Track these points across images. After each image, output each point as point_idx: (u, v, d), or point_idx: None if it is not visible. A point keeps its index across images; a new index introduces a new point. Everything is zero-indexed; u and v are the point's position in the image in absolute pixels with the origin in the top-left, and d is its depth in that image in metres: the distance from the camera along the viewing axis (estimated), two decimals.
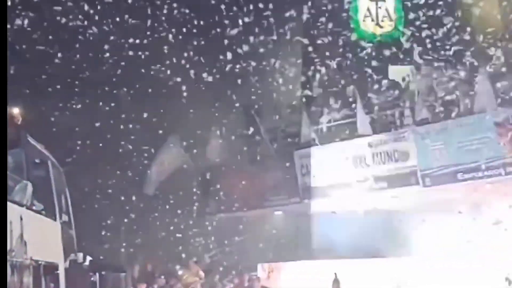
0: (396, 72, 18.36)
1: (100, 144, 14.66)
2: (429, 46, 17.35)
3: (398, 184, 16.13)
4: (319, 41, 17.68)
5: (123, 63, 14.85)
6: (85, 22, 15.14)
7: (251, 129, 17.45)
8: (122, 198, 14.87)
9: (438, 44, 17.25)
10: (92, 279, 12.70)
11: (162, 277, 14.99)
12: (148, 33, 15.70)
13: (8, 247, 7.73)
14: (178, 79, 15.27)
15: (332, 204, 18.02)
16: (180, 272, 15.91)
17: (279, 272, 17.80)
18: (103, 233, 14.20)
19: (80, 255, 12.12)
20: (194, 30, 16.28)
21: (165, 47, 15.57)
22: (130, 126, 15.13)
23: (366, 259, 19.17)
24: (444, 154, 15.21)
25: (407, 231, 19.71)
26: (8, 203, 7.75)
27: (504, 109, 14.51)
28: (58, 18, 14.92)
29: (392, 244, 19.44)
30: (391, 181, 16.19)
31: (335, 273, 17.63)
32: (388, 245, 19.57)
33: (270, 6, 16.55)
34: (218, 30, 16.24)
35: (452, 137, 15.06)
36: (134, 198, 15.18)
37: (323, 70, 18.19)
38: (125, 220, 14.99)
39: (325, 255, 18.46)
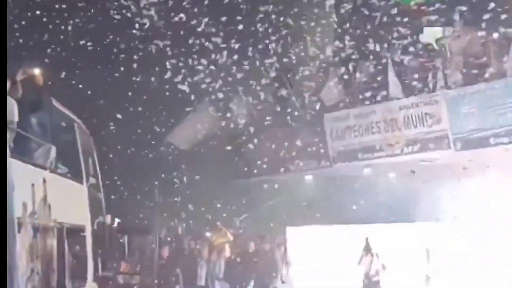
0: (429, 34, 18.01)
1: (128, 106, 14.62)
2: (464, 8, 16.96)
3: (430, 147, 15.94)
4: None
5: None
6: None
7: (282, 92, 17.33)
8: (152, 161, 14.93)
9: (473, 7, 16.85)
10: (120, 240, 12.87)
11: (190, 237, 15.11)
12: None
13: (30, 210, 7.86)
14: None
15: (362, 168, 17.94)
16: (208, 234, 16.05)
17: (308, 236, 17.81)
18: (132, 195, 14.31)
19: (108, 217, 12.29)
20: None
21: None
22: (157, 86, 15.01)
23: (397, 223, 19.13)
24: (476, 118, 14.98)
25: (439, 196, 19.58)
26: (30, 166, 7.85)
27: None
28: None
29: (423, 208, 19.33)
30: (422, 144, 16.02)
31: (366, 238, 17.62)
32: (419, 209, 19.48)
33: None
34: None
35: (485, 101, 14.80)
36: (163, 160, 15.22)
37: (357, 32, 17.92)
38: (155, 183, 15.05)
39: (356, 219, 18.43)
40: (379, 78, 16.67)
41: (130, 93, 15.02)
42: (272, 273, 16.73)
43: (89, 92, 13.90)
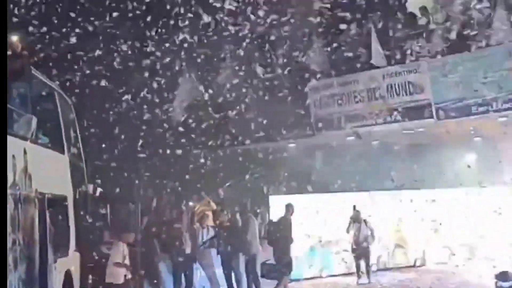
0: (413, 3, 17.96)
1: (109, 74, 14.44)
2: None
3: (412, 116, 15.97)
4: None
5: None
6: None
7: (265, 61, 17.25)
8: (134, 131, 14.80)
9: None
10: (102, 210, 12.86)
11: (173, 206, 15.10)
12: None
13: (11, 181, 7.81)
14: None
15: (345, 137, 17.97)
16: (190, 203, 16.04)
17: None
18: (114, 165, 14.22)
19: (90, 186, 12.26)
20: None
21: None
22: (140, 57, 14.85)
23: (381, 191, 19.31)
24: (458, 87, 14.99)
25: (421, 164, 19.74)
26: (11, 137, 7.78)
27: None
28: None
29: (407, 176, 19.49)
30: (405, 113, 16.03)
31: (354, 206, 17.77)
32: (402, 177, 19.62)
33: None
34: None
35: (468, 70, 14.80)
36: (146, 130, 15.10)
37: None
38: (139, 156, 14.97)
39: (340, 188, 18.55)
40: (362, 47, 16.59)
41: (114, 62, 14.83)
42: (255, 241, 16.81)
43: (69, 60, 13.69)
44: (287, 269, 15.15)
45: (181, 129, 15.63)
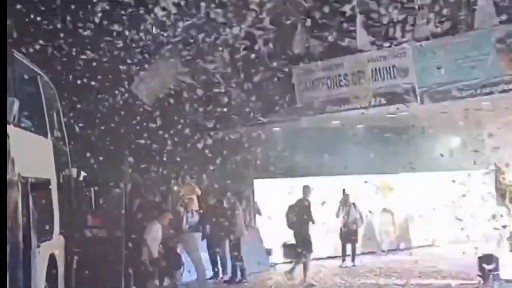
0: None
1: (95, 58, 14.30)
2: None
3: (396, 100, 16.00)
4: None
5: None
6: None
7: (249, 45, 17.16)
8: (117, 115, 14.70)
9: None
10: (86, 194, 12.80)
11: (158, 191, 15.08)
12: None
13: None
14: None
15: (330, 121, 18.00)
16: (175, 188, 16.04)
17: (276, 189, 17.96)
18: (98, 149, 14.15)
19: (74, 170, 12.20)
20: None
21: None
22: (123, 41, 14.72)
23: (367, 175, 19.37)
24: (443, 71, 15.03)
25: (405, 148, 19.81)
26: None
27: (505, 26, 14.21)
28: None
29: (391, 160, 19.59)
30: (389, 97, 16.07)
31: (344, 189, 17.84)
32: (386, 161, 19.73)
33: None
34: None
35: (452, 54, 14.83)
36: (129, 113, 15.00)
37: None
38: (123, 140, 14.89)
39: (325, 171, 18.60)
40: (347, 30, 16.56)
41: (98, 42, 14.66)
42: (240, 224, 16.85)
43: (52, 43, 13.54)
44: (307, 250, 15.18)
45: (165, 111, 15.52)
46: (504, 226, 13.35)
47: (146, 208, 14.94)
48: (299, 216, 15.31)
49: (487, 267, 13.77)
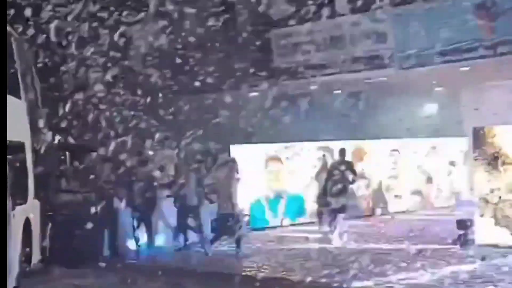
0: None
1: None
2: None
3: (375, 66, 15.97)
4: None
5: None
6: None
7: (227, 10, 16.98)
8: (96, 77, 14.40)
9: None
10: (61, 158, 12.67)
11: (134, 155, 14.89)
12: None
13: None
14: None
15: (308, 86, 17.93)
16: (151, 153, 15.89)
17: (253, 155, 17.90)
18: (74, 113, 13.89)
19: (49, 134, 12.02)
20: None
21: None
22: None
23: (344, 140, 19.37)
24: (421, 36, 15.00)
25: (382, 113, 19.84)
26: None
27: None
28: None
29: (368, 126, 19.61)
30: (368, 62, 16.03)
31: (323, 154, 17.79)
32: (364, 127, 19.75)
33: None
34: None
35: (431, 19, 14.80)
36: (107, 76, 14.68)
37: None
38: (99, 103, 14.62)
39: (302, 137, 18.54)
40: None
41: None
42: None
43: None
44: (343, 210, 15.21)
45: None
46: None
47: (122, 173, 14.78)
48: (343, 175, 15.20)
49: (463, 232, 13.85)
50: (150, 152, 15.17)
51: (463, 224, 14.02)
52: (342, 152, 15.54)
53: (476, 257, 12.51)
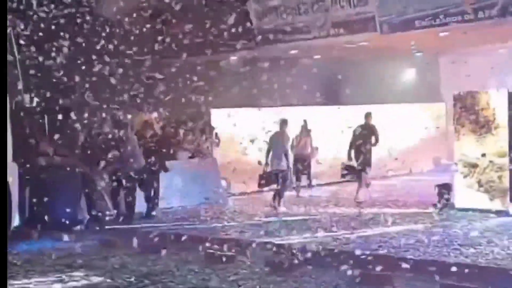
0: None
1: None
2: None
3: (356, 30, 15.85)
4: None
5: None
6: None
7: None
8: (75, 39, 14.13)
9: None
10: (40, 121, 12.48)
11: (113, 119, 14.71)
12: None
13: None
14: None
15: (288, 50, 17.81)
16: (129, 116, 15.71)
17: (234, 119, 17.82)
18: (53, 75, 13.67)
19: (27, 96, 11.83)
20: None
21: None
22: None
23: (325, 106, 19.37)
24: (402, 1, 14.90)
25: (362, 79, 19.81)
26: None
27: None
28: None
29: (348, 91, 19.54)
30: (349, 27, 15.90)
31: (305, 120, 17.72)
32: (343, 92, 19.69)
33: None
34: None
35: None
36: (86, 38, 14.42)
37: None
38: (79, 66, 14.38)
39: (282, 102, 18.46)
40: None
41: None
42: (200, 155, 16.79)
43: None
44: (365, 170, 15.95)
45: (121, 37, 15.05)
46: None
47: (101, 139, 14.61)
48: (364, 138, 16.24)
49: (443, 196, 13.97)
50: (129, 116, 14.98)
51: (443, 188, 14.13)
52: (368, 115, 16.45)
53: (455, 221, 12.65)
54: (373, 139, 16.26)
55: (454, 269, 8.83)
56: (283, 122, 15.73)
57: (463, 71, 20.23)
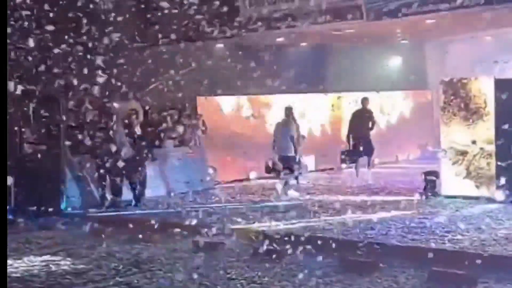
0: None
1: None
2: None
3: (343, 17, 15.79)
4: None
5: None
6: None
7: None
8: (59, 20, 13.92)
9: None
10: (24, 109, 12.37)
11: (98, 107, 14.62)
12: None
13: None
14: None
15: (274, 37, 17.74)
16: (116, 105, 15.60)
17: (220, 106, 17.79)
18: (37, 60, 13.53)
19: (11, 84, 11.66)
20: None
21: None
22: None
23: (311, 94, 19.33)
24: None
25: (348, 66, 19.79)
26: None
27: None
28: None
29: (335, 78, 19.56)
30: (335, 14, 15.83)
31: (291, 108, 17.63)
32: (330, 79, 19.70)
33: None
34: None
35: None
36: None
37: None
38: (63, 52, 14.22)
39: (268, 89, 18.42)
40: None
41: None
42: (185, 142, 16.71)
43: None
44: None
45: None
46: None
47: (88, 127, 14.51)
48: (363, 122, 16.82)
49: (429, 183, 13.99)
50: (115, 104, 14.86)
51: (430, 176, 14.16)
52: (364, 100, 17.01)
53: (442, 208, 12.69)
54: (370, 124, 16.72)
55: (441, 255, 8.85)
56: (288, 109, 15.85)
57: (449, 58, 20.29)
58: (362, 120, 16.79)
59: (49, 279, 8.87)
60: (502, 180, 12.76)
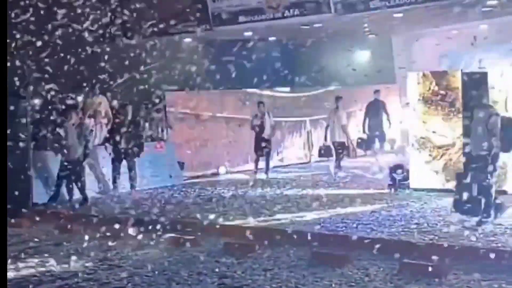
0: None
1: None
2: None
3: (311, 11, 15.79)
4: None
5: None
6: None
7: None
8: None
9: None
10: None
11: (62, 100, 14.44)
12: None
13: None
14: None
15: (242, 32, 17.67)
16: (80, 99, 15.47)
17: (188, 102, 17.69)
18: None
19: None
20: None
21: None
22: None
23: (279, 87, 19.33)
24: None
25: (317, 61, 19.80)
26: None
27: None
28: None
29: (303, 74, 19.53)
30: (303, 8, 15.83)
31: (263, 102, 17.62)
32: (299, 74, 19.66)
33: None
34: None
35: None
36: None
37: None
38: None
39: (236, 84, 18.36)
40: None
41: None
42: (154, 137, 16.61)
43: None
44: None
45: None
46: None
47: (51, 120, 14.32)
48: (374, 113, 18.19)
49: (397, 176, 14.05)
50: (79, 98, 14.67)
51: (398, 169, 14.22)
52: (376, 92, 18.43)
53: (411, 201, 12.74)
54: (383, 115, 18.08)
55: (412, 247, 8.89)
56: (338, 99, 17.24)
57: (417, 52, 20.41)
58: (375, 110, 18.05)
59: (16, 277, 8.71)
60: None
